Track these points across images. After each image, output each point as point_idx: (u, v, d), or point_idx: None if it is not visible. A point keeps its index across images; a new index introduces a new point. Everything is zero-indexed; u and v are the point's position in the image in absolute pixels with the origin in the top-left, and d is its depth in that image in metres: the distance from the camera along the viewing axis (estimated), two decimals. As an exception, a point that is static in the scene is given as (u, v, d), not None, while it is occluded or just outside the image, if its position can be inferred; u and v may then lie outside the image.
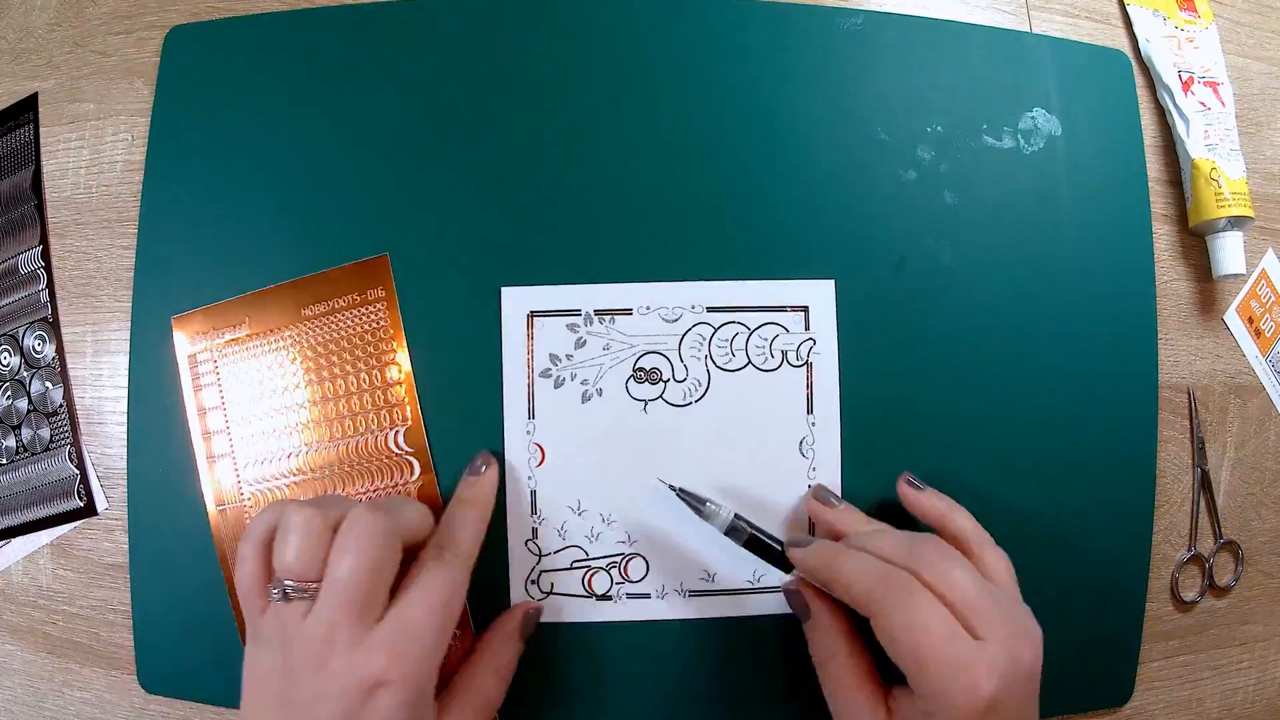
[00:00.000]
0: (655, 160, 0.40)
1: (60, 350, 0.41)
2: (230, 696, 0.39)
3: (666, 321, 0.39)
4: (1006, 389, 0.41)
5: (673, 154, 0.41)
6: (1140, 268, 0.43)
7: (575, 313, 0.39)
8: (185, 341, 0.39)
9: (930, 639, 0.29)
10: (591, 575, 0.39)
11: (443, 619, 0.29)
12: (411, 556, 0.31)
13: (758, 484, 0.39)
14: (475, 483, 0.36)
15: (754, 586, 0.39)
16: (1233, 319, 0.46)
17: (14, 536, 0.42)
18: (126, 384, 0.40)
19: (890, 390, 0.40)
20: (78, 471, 0.41)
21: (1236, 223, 0.43)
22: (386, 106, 0.40)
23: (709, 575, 0.39)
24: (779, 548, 0.36)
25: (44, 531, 0.41)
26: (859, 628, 0.34)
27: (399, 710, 0.27)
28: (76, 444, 0.41)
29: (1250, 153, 0.46)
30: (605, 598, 0.39)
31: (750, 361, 0.39)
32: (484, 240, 0.39)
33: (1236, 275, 0.43)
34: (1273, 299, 0.46)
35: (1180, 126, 0.44)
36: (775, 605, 0.39)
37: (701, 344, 0.39)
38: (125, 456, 0.40)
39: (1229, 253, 0.43)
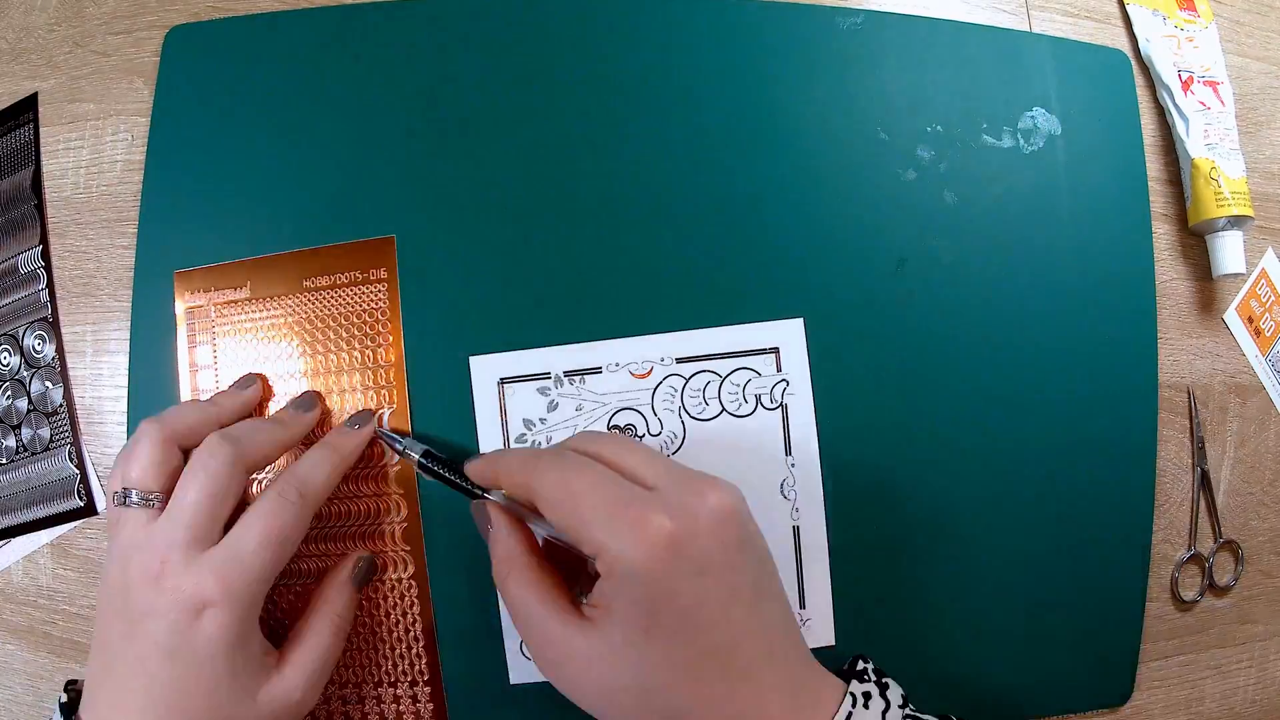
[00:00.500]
0: (640, 179, 0.40)
1: (60, 350, 0.41)
2: None
3: (637, 377, 0.39)
4: (1006, 388, 0.41)
5: (667, 159, 0.40)
6: (1140, 267, 0.43)
7: (545, 376, 0.38)
8: (185, 295, 0.39)
9: (588, 489, 0.28)
10: None
11: (274, 552, 0.30)
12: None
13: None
14: (348, 433, 0.35)
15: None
16: (1232, 318, 0.46)
17: (14, 536, 0.42)
18: (126, 384, 0.40)
19: (888, 389, 0.40)
20: (78, 471, 0.41)
21: (1236, 222, 0.44)
22: (387, 106, 0.40)
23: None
24: (455, 475, 0.34)
25: (44, 531, 0.41)
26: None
27: (222, 630, 0.29)
28: (76, 444, 0.41)
29: (1250, 152, 0.46)
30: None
31: (724, 409, 0.39)
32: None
33: (1236, 275, 0.44)
34: (1272, 298, 0.46)
35: (1180, 126, 0.45)
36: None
37: (674, 396, 0.39)
38: (125, 456, 0.40)
39: (1229, 252, 0.43)
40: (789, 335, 0.39)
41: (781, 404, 0.39)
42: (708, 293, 0.39)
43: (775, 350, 0.39)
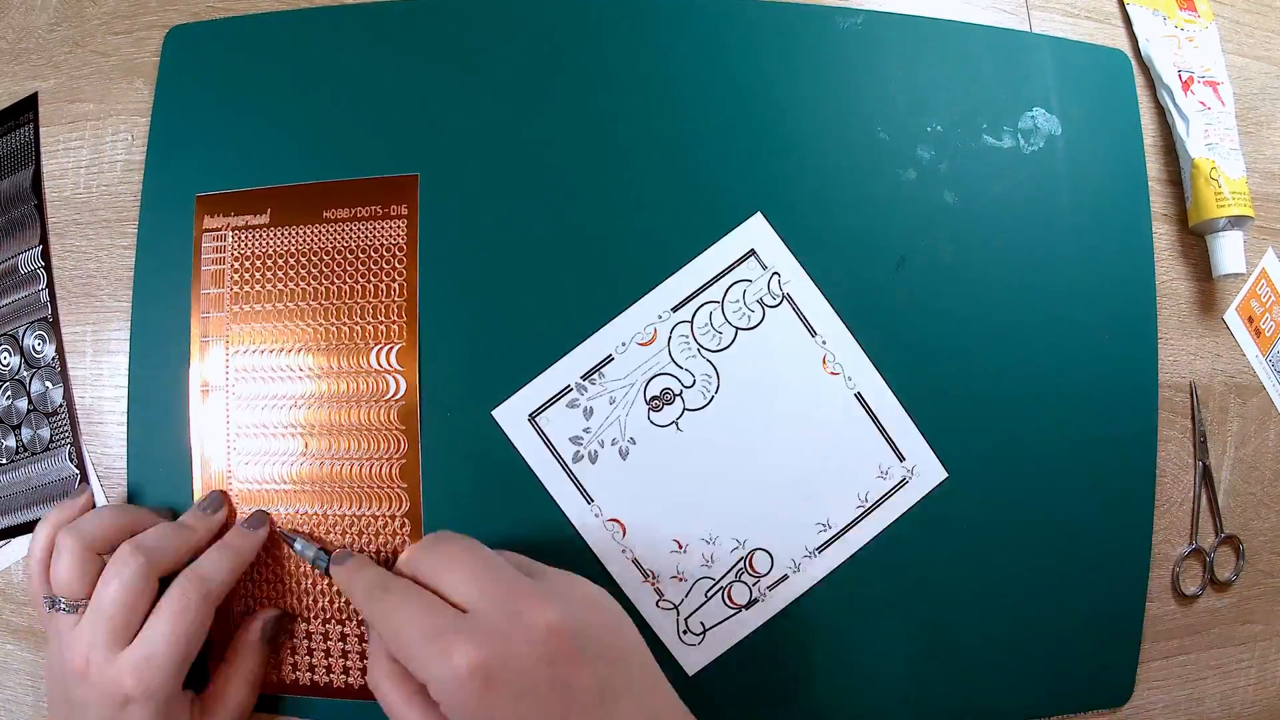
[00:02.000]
0: (637, 177, 0.40)
1: (60, 350, 0.41)
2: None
3: (646, 345, 0.39)
4: (1005, 388, 0.41)
5: (667, 158, 0.41)
6: (1140, 267, 0.43)
7: (566, 390, 0.39)
8: (204, 219, 0.39)
9: (405, 623, 0.29)
10: (729, 591, 0.39)
11: (181, 649, 0.32)
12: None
13: (811, 421, 0.39)
14: (246, 534, 0.37)
15: (864, 507, 0.40)
16: (1233, 318, 0.46)
17: (14, 536, 0.42)
18: (126, 384, 0.40)
19: (888, 390, 0.40)
20: (78, 471, 0.41)
21: (1236, 222, 0.43)
22: (390, 115, 0.40)
23: (825, 524, 0.39)
24: (324, 565, 0.35)
25: (44, 531, 0.41)
26: None
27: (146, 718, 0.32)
28: (76, 444, 0.41)
29: (1250, 152, 0.46)
30: (752, 603, 0.39)
31: (736, 328, 0.39)
32: (468, 250, 0.39)
33: (1236, 275, 0.43)
34: (1273, 298, 0.46)
35: (1180, 126, 0.44)
36: (893, 512, 0.40)
37: (688, 342, 0.39)
38: (125, 456, 0.40)
39: (1229, 252, 0.43)
40: (756, 232, 0.40)
41: (784, 295, 0.39)
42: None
43: (752, 252, 0.40)
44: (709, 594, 0.39)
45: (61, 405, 0.41)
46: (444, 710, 0.28)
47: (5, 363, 0.42)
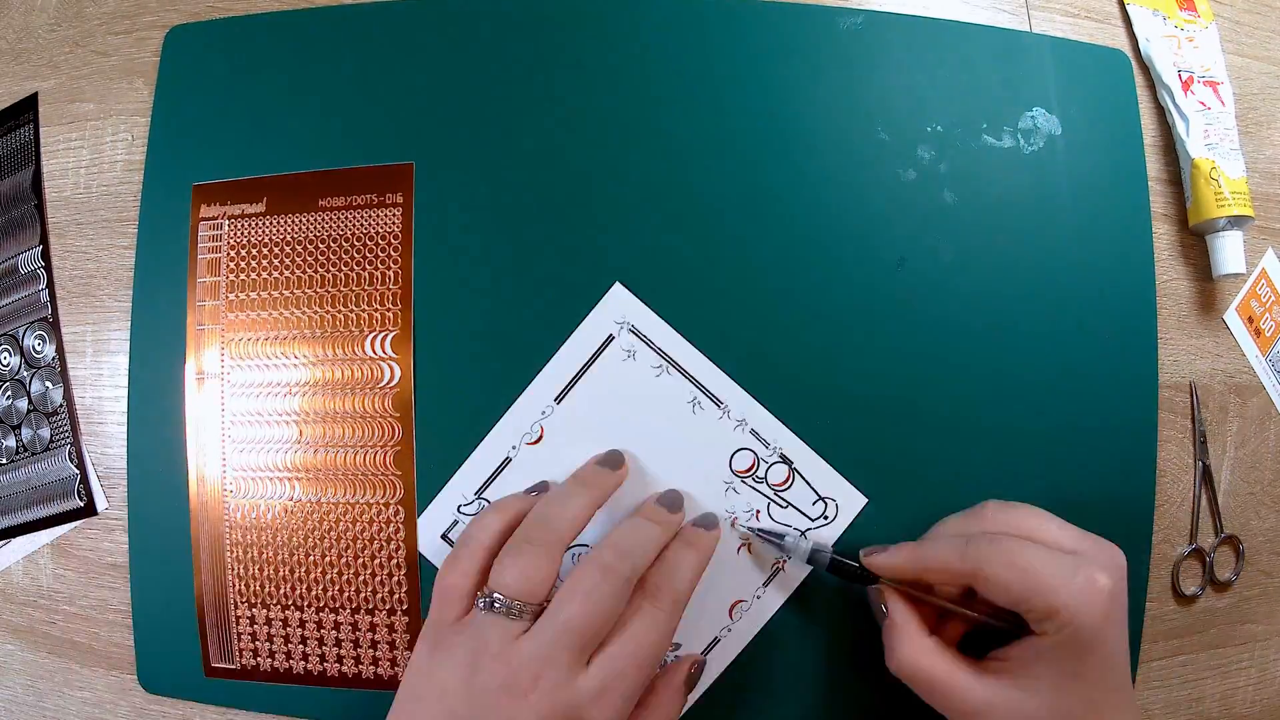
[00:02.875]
0: (637, 176, 0.40)
1: (60, 350, 0.41)
2: (230, 696, 0.39)
3: (535, 444, 0.38)
4: (1005, 389, 0.41)
5: (666, 157, 0.41)
6: (1140, 267, 0.43)
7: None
8: (201, 207, 0.39)
9: (1036, 564, 0.31)
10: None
11: (648, 669, 0.30)
12: None
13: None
14: (702, 534, 0.34)
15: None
16: (1233, 318, 0.46)
17: (14, 536, 0.42)
18: (126, 384, 0.40)
19: (888, 390, 0.40)
20: (78, 471, 0.41)
21: (1236, 222, 0.43)
22: (387, 107, 0.40)
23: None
24: (856, 565, 0.36)
25: (44, 531, 0.41)
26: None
27: None
28: (76, 444, 0.41)
29: (1250, 152, 0.46)
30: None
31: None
32: (464, 235, 0.39)
33: (1236, 275, 0.43)
34: (1273, 298, 0.46)
35: (1180, 126, 0.44)
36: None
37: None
38: (125, 456, 0.40)
39: (1229, 252, 0.43)
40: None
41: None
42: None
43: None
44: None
45: (61, 405, 0.41)
46: (1051, 642, 0.31)
47: (5, 363, 0.42)
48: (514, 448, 0.38)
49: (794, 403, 0.40)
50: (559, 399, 0.38)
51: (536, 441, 0.38)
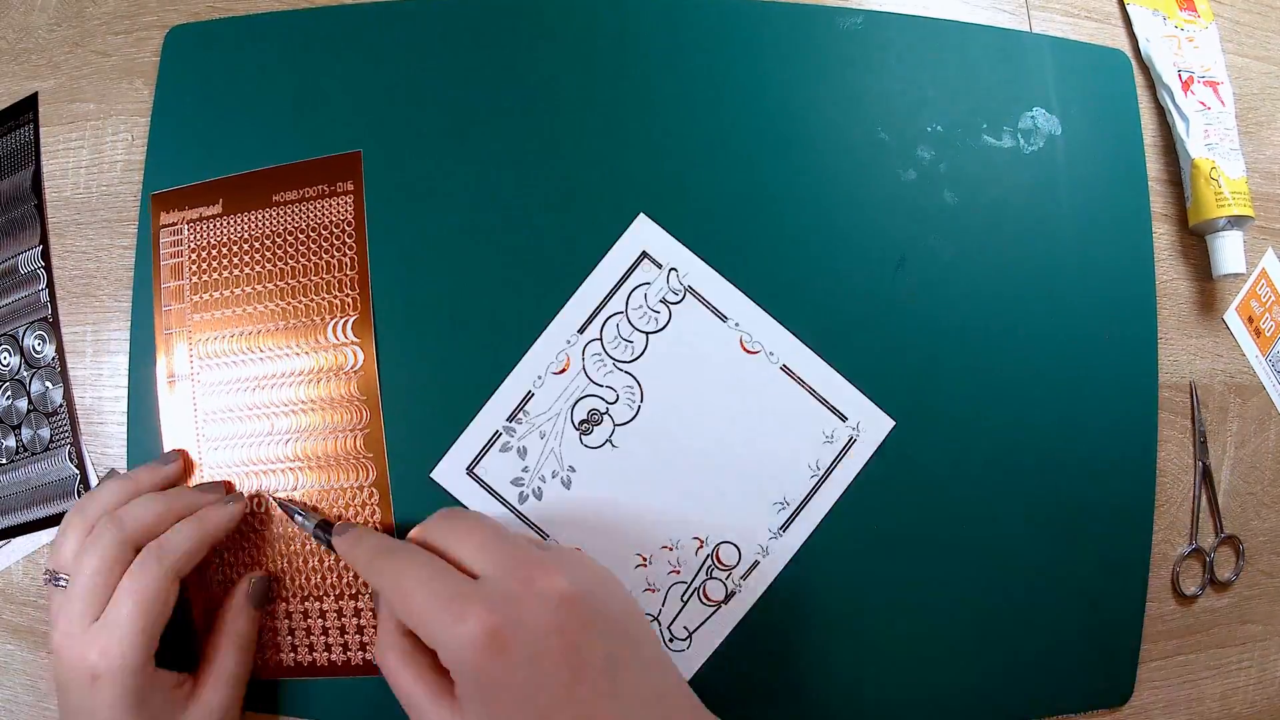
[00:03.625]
0: (644, 162, 0.40)
1: (60, 350, 0.41)
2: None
3: (561, 374, 0.39)
4: (1005, 389, 0.41)
5: (666, 157, 0.41)
6: (1140, 267, 0.43)
7: (496, 436, 0.38)
8: (160, 215, 0.40)
9: (416, 587, 0.29)
10: (704, 590, 0.39)
11: (144, 621, 0.32)
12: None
13: (744, 405, 0.39)
14: (220, 508, 0.36)
15: (817, 475, 0.39)
16: (1233, 318, 0.46)
17: (14, 536, 0.42)
18: (126, 384, 0.40)
19: (888, 390, 0.40)
20: (78, 471, 0.41)
21: (1236, 222, 0.44)
22: (386, 107, 0.40)
23: (782, 502, 0.39)
24: (325, 539, 0.35)
25: (44, 531, 0.41)
26: None
27: (116, 696, 0.31)
28: (76, 444, 0.41)
29: (1250, 152, 0.46)
30: (730, 596, 0.39)
31: (646, 334, 0.39)
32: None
33: (1236, 275, 0.43)
34: (1273, 298, 0.46)
35: (1180, 126, 0.45)
36: (850, 473, 0.40)
37: (602, 359, 0.39)
38: (125, 456, 0.40)
39: (1229, 252, 0.43)
40: (643, 234, 0.39)
41: (685, 288, 0.39)
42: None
43: (644, 254, 0.39)
44: (684, 598, 0.39)
45: (61, 405, 0.41)
46: (454, 675, 0.28)
47: (5, 363, 0.42)
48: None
49: (794, 403, 0.40)
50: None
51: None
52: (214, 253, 0.39)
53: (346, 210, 0.39)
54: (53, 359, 0.41)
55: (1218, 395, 0.45)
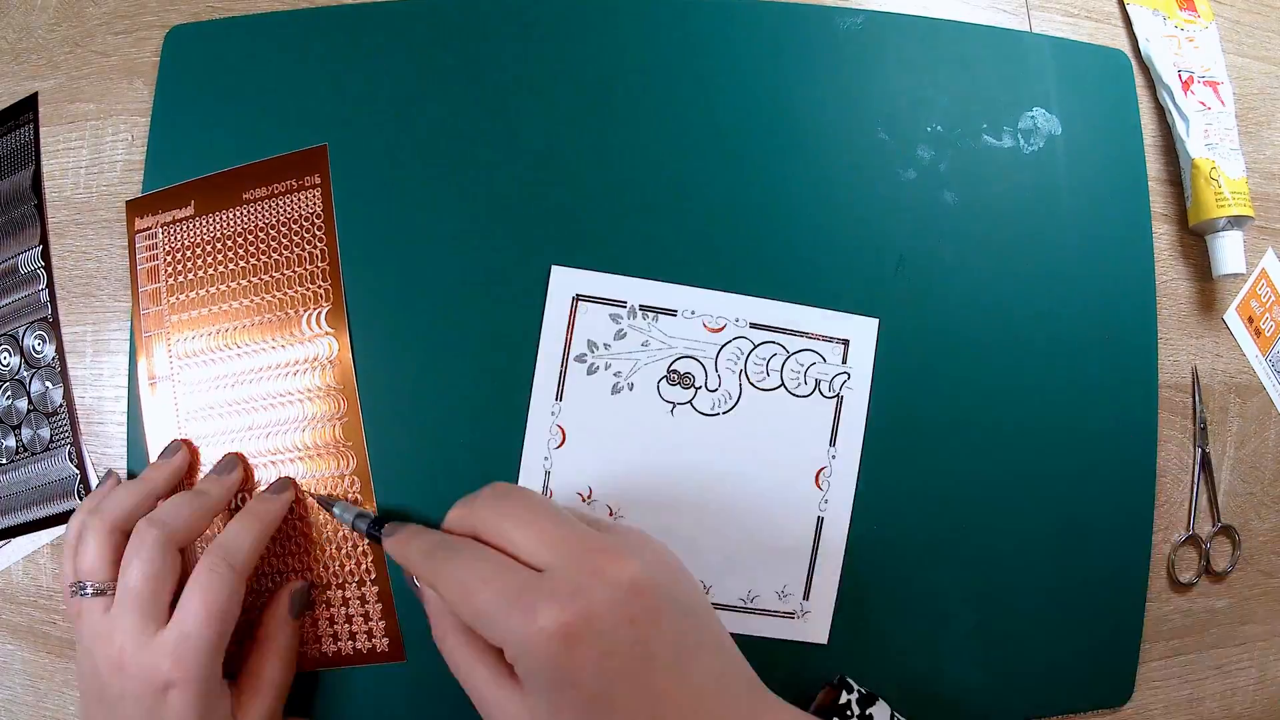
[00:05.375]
0: (646, 162, 0.40)
1: (60, 350, 0.41)
2: (230, 696, 0.39)
3: (709, 330, 0.39)
4: (1004, 389, 0.41)
5: (667, 155, 0.41)
6: (1140, 267, 0.43)
7: (621, 304, 0.39)
8: (134, 221, 0.41)
9: (480, 585, 0.27)
10: None
11: (217, 626, 0.31)
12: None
13: (769, 505, 0.39)
14: (269, 499, 0.36)
15: (745, 606, 0.39)
16: (1233, 318, 0.46)
17: (14, 536, 0.42)
18: (126, 384, 0.40)
19: (888, 390, 0.40)
20: (78, 471, 0.41)
21: (1236, 222, 0.43)
22: (386, 107, 0.40)
23: (705, 587, 0.39)
24: (365, 528, 0.35)
25: (44, 531, 0.41)
26: None
27: (189, 707, 0.30)
28: (76, 444, 0.41)
29: (1250, 152, 0.46)
30: None
31: (784, 384, 0.39)
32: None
33: (1236, 275, 0.43)
34: (1273, 298, 0.46)
35: (1180, 126, 0.44)
36: (761, 629, 0.39)
37: (739, 358, 0.39)
38: (125, 456, 0.40)
39: (1229, 252, 0.43)
40: (862, 332, 0.40)
41: (839, 395, 0.39)
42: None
43: (845, 342, 0.40)
44: None
45: (61, 405, 0.41)
46: (523, 672, 0.27)
47: (5, 363, 0.42)
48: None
49: (794, 403, 0.40)
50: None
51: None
52: (188, 254, 0.40)
53: (315, 204, 0.39)
54: (53, 359, 0.41)
55: (1218, 395, 0.45)
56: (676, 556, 0.31)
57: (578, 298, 0.39)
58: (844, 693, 0.32)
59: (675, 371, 0.39)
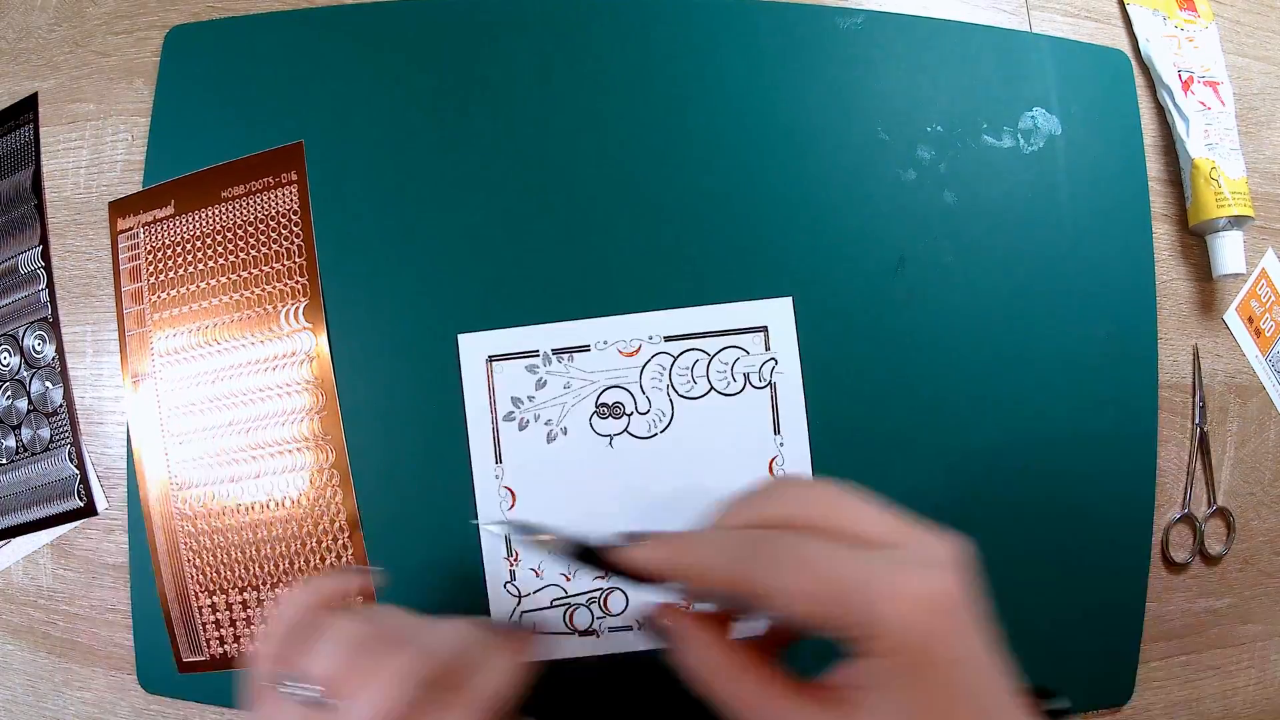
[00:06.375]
0: (637, 176, 0.40)
1: (60, 350, 0.41)
2: (231, 696, 0.39)
3: (625, 355, 0.39)
4: (1004, 389, 0.41)
5: (665, 156, 0.41)
6: (1140, 267, 0.43)
7: (533, 354, 0.39)
8: (117, 222, 0.41)
9: (839, 566, 0.24)
10: (572, 612, 0.39)
11: None
12: None
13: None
14: (528, 638, 0.31)
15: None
16: (1232, 318, 0.46)
17: (14, 536, 0.42)
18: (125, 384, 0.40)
19: (888, 390, 0.40)
20: (78, 471, 0.41)
21: (1236, 222, 0.43)
22: (386, 106, 0.40)
23: (689, 605, 0.39)
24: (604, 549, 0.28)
25: (44, 531, 0.41)
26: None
27: None
28: (76, 444, 0.41)
29: (1250, 152, 0.46)
30: (589, 633, 0.39)
31: (713, 387, 0.39)
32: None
33: (1236, 275, 0.43)
34: (1272, 298, 0.46)
35: (1180, 126, 0.44)
36: (754, 630, 0.38)
37: (662, 374, 0.39)
38: (125, 456, 0.40)
39: (1229, 252, 0.43)
40: (777, 314, 0.40)
41: (770, 382, 0.39)
42: (698, 274, 0.40)
43: (763, 329, 0.40)
44: (555, 603, 0.39)
45: (61, 405, 0.41)
46: (881, 665, 0.24)
47: (5, 363, 0.42)
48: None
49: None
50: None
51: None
52: (169, 252, 0.40)
53: (292, 200, 0.40)
54: (53, 359, 0.41)
55: (1218, 395, 0.45)
56: None
57: (490, 359, 0.39)
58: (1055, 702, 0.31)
59: (604, 404, 0.39)
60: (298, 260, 0.39)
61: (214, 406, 0.39)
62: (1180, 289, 0.45)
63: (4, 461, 0.42)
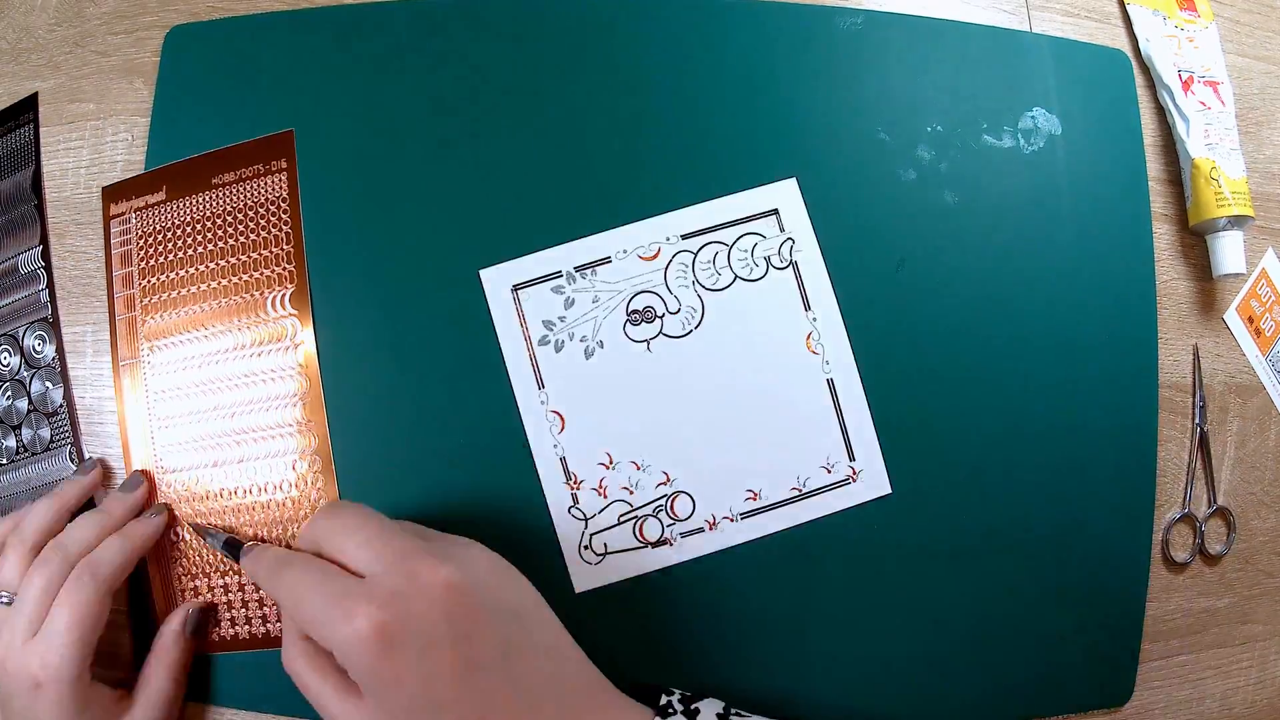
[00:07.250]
0: (636, 185, 0.40)
1: (60, 350, 0.41)
2: (231, 697, 0.39)
3: (646, 260, 0.39)
4: (1004, 389, 0.41)
5: (665, 155, 0.41)
6: (1140, 267, 0.43)
7: (557, 275, 0.39)
8: (110, 208, 0.41)
9: (307, 592, 0.29)
10: (641, 524, 0.39)
11: (78, 633, 0.34)
12: None
13: (777, 389, 0.39)
14: (147, 522, 0.38)
15: (801, 493, 0.39)
16: (1233, 318, 0.46)
17: (14, 536, 0.42)
18: (126, 384, 0.40)
19: (888, 391, 0.40)
20: (78, 471, 0.41)
21: (1236, 222, 0.44)
22: (386, 106, 0.40)
23: (756, 493, 0.39)
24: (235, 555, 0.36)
25: (44, 531, 0.41)
26: None
27: (55, 703, 0.33)
28: (76, 444, 0.41)
29: (1250, 152, 0.46)
30: (661, 543, 0.39)
31: (736, 275, 0.40)
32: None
33: (1236, 275, 0.44)
34: (1273, 298, 0.46)
35: (1180, 126, 0.45)
36: (825, 507, 0.39)
37: (686, 271, 0.40)
38: (123, 453, 0.40)
39: (1229, 252, 0.43)
40: (786, 194, 0.40)
41: (791, 261, 0.40)
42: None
43: (775, 211, 0.40)
44: (622, 519, 0.39)
45: (61, 405, 0.41)
46: (351, 674, 0.29)
47: (5, 363, 0.42)
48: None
49: (794, 403, 0.40)
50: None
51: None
52: (159, 238, 0.41)
53: (281, 187, 0.40)
54: (53, 359, 0.41)
55: (1218, 395, 0.45)
56: (511, 567, 0.33)
57: (516, 288, 0.39)
58: (663, 695, 0.33)
59: (635, 311, 0.39)
60: (285, 248, 0.40)
61: (199, 391, 0.40)
62: (1180, 289, 0.45)
63: (4, 462, 0.42)
